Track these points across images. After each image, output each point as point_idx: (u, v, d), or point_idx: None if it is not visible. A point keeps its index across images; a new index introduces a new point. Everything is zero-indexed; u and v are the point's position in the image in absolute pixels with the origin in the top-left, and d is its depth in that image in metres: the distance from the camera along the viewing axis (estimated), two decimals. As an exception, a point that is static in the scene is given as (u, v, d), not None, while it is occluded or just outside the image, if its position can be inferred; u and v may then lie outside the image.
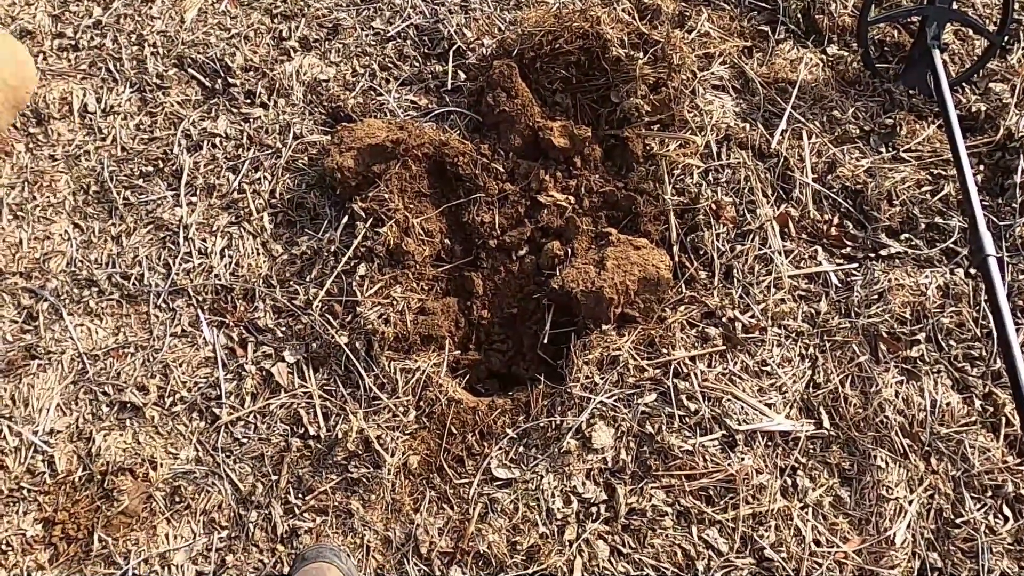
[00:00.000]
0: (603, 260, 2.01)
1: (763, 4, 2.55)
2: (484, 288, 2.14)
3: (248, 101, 2.36)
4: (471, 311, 2.13)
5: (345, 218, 2.12)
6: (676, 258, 2.11)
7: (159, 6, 2.54)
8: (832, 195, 2.20)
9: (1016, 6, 2.46)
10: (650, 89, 2.25)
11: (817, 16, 2.51)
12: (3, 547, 1.74)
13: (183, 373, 1.96)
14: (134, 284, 2.07)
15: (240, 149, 2.27)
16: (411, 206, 2.14)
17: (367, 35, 2.48)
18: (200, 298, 2.05)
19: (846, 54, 2.46)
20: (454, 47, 2.42)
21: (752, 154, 2.26)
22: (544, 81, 2.27)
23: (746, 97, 2.39)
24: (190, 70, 2.42)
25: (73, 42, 2.48)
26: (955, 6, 2.32)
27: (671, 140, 2.23)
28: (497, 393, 2.09)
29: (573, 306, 2.02)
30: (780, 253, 2.10)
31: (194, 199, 2.19)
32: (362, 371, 1.93)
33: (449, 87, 2.34)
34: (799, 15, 2.52)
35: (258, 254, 2.11)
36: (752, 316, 2.02)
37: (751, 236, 2.12)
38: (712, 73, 2.39)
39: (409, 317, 2.00)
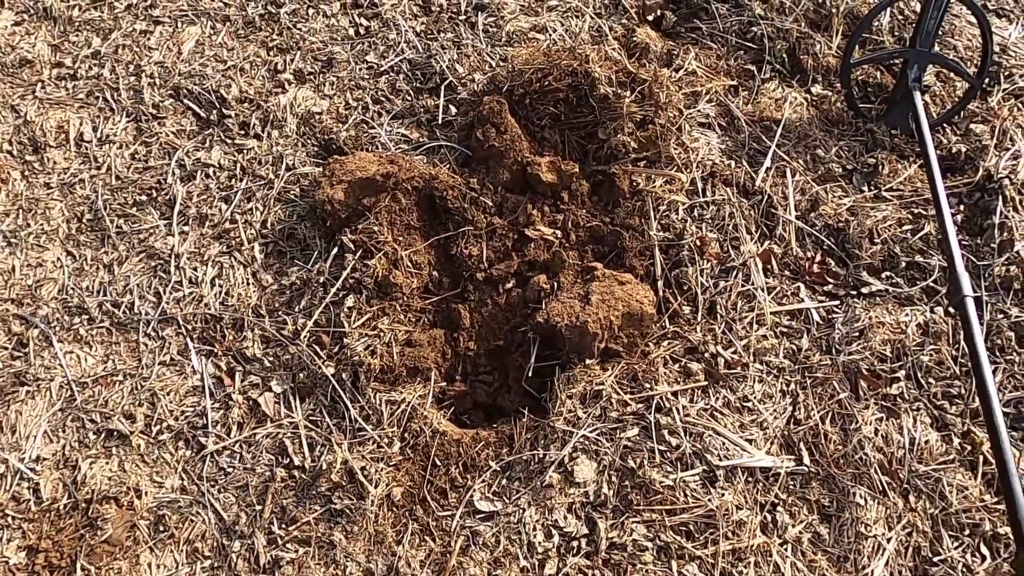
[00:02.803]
0: (588, 295, 2.04)
1: (749, 44, 2.61)
2: (471, 320, 2.16)
3: (242, 132, 2.39)
4: (458, 343, 2.15)
5: (335, 249, 2.15)
6: (660, 293, 2.14)
7: (157, 37, 2.59)
8: (815, 232, 2.24)
9: (995, 49, 2.52)
10: (637, 126, 2.30)
11: (802, 56, 2.56)
12: (-14, 575, 1.74)
13: (170, 402, 1.98)
14: (124, 312, 2.09)
15: (233, 179, 2.30)
16: (400, 238, 2.17)
17: (360, 69, 2.53)
18: (189, 327, 2.08)
19: (830, 94, 2.51)
20: (446, 82, 2.47)
21: (737, 191, 2.30)
22: (533, 117, 2.32)
23: (731, 135, 2.43)
24: (186, 100, 2.46)
25: (71, 71, 2.52)
26: (936, 49, 2.38)
27: (657, 176, 2.27)
28: (482, 425, 2.11)
29: (558, 340, 2.04)
30: (763, 290, 2.13)
31: (186, 228, 2.22)
32: (348, 402, 1.95)
33: (440, 121, 2.39)
34: (784, 55, 2.58)
35: (248, 284, 2.14)
36: (734, 352, 2.05)
37: (735, 272, 2.15)
38: (698, 111, 2.44)
39: (396, 349, 2.02)
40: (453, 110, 2.43)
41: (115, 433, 1.93)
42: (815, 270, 2.19)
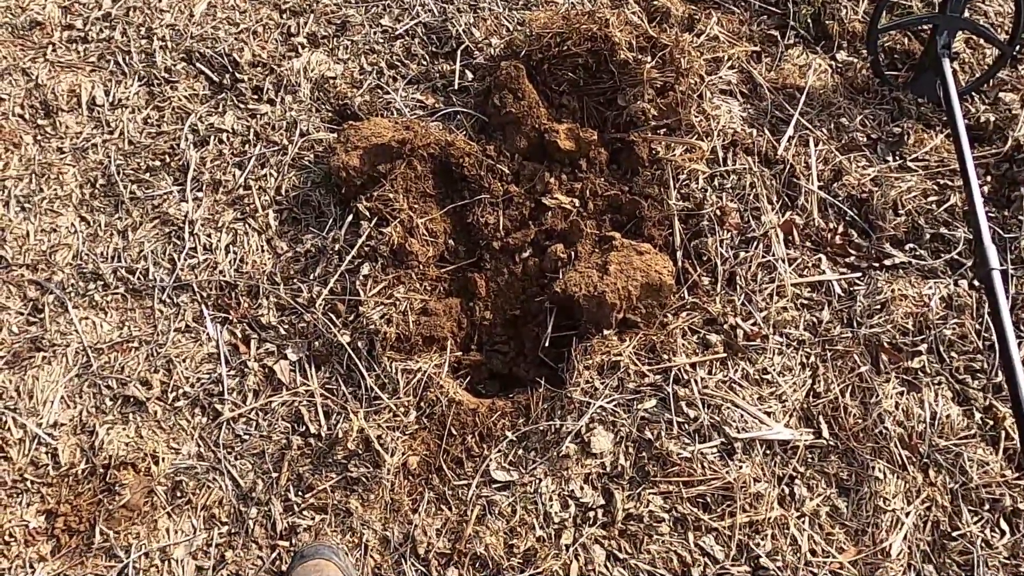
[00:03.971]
0: (606, 265, 2.01)
1: (773, 8, 2.54)
2: (487, 290, 2.14)
3: (255, 97, 2.36)
4: (473, 312, 2.14)
5: (350, 217, 2.12)
6: (679, 263, 2.11)
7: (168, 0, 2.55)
8: (837, 203, 2.20)
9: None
10: (657, 93, 2.25)
11: (827, 22, 2.50)
12: (6, 538, 1.76)
13: (186, 369, 1.97)
14: (139, 279, 2.08)
15: (247, 145, 2.28)
16: (416, 206, 2.14)
17: (375, 32, 2.48)
18: (204, 294, 2.06)
19: (855, 61, 2.45)
20: (462, 46, 2.42)
21: (758, 160, 2.25)
22: (551, 83, 2.27)
23: (754, 102, 2.38)
24: (198, 64, 2.42)
25: (82, 34, 2.48)
26: (966, 14, 2.31)
27: (677, 145, 2.23)
28: (498, 395, 2.10)
29: (575, 310, 2.02)
30: (784, 261, 2.10)
31: (200, 195, 2.20)
32: (363, 371, 1.94)
33: (456, 87, 2.34)
34: (809, 20, 2.51)
35: (263, 251, 2.12)
36: (754, 324, 2.02)
37: (755, 243, 2.12)
38: (720, 78, 2.39)
39: (411, 317, 2.01)
40: (469, 75, 2.38)
41: (131, 399, 1.93)
42: (837, 241, 2.16)
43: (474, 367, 2.11)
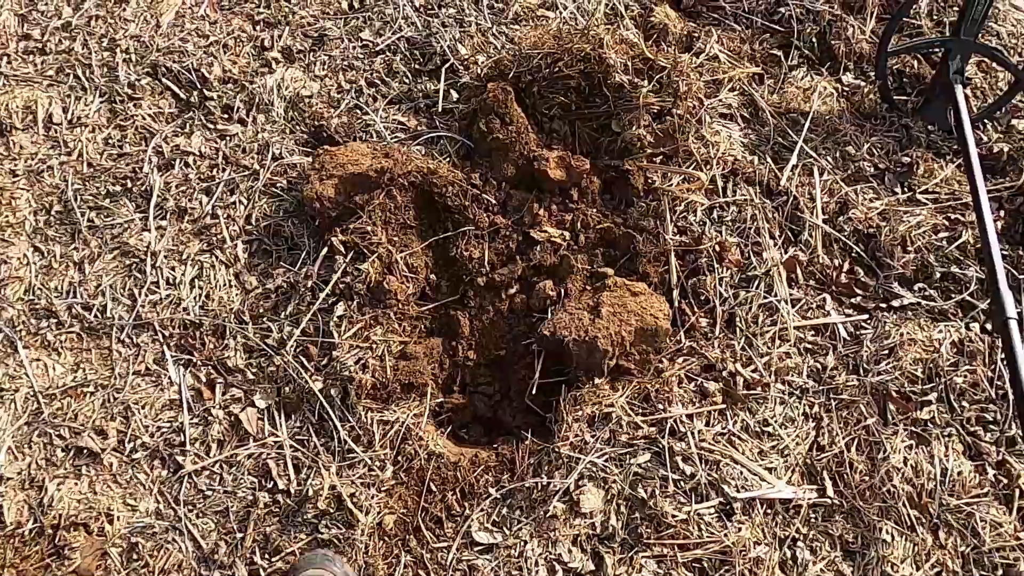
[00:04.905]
0: (598, 307, 1.88)
1: (776, 26, 2.41)
2: (471, 328, 2.01)
3: (225, 116, 2.21)
4: (456, 352, 2.00)
5: (324, 249, 1.98)
6: (676, 303, 1.99)
7: (133, 7, 2.38)
8: (843, 239, 2.07)
9: (1044, 38, 2.33)
10: (654, 118, 2.12)
11: (833, 41, 2.37)
12: (-56, 607, 1.62)
13: (145, 416, 1.83)
14: (96, 316, 1.94)
15: (215, 169, 2.13)
16: (395, 239, 2.00)
17: (355, 47, 2.33)
18: (166, 333, 1.92)
19: (862, 84, 2.32)
20: (447, 64, 2.27)
21: (760, 191, 2.13)
22: (541, 106, 2.13)
23: (755, 127, 2.25)
24: (164, 79, 2.26)
25: (40, 45, 2.32)
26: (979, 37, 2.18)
27: (674, 174, 2.10)
28: (481, 441, 1.97)
29: (564, 354, 1.89)
30: (786, 302, 1.97)
31: (163, 223, 2.05)
32: (337, 421, 1.81)
33: (440, 108, 2.20)
34: (814, 40, 2.38)
35: (230, 286, 1.98)
36: (754, 370, 1.90)
37: (756, 282, 1.99)
38: (720, 101, 2.26)
39: (389, 362, 1.87)
40: (454, 95, 2.24)
41: (85, 451, 1.79)
42: (843, 280, 2.04)
43: (456, 410, 1.98)
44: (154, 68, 2.28)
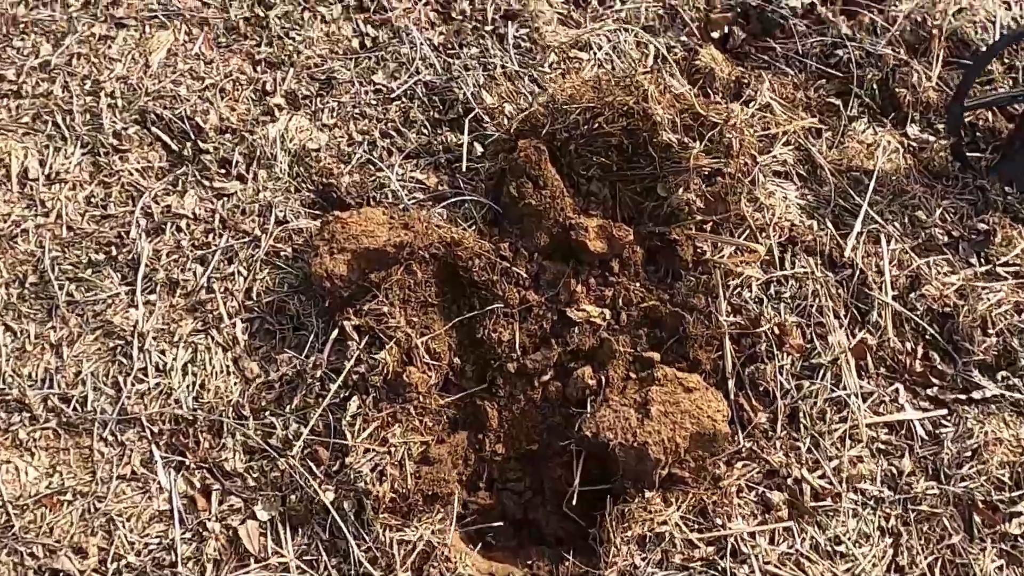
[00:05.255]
0: (647, 404, 1.66)
1: (833, 71, 2.18)
2: (499, 420, 1.79)
3: (222, 172, 1.97)
4: (483, 445, 1.78)
5: (335, 332, 1.75)
6: (731, 396, 1.76)
7: (120, 45, 2.14)
8: (916, 318, 1.85)
9: None
10: (704, 181, 1.89)
11: (897, 89, 2.14)
12: None
13: (131, 531, 1.60)
14: (75, 409, 1.70)
15: (211, 235, 1.89)
16: (415, 319, 1.77)
17: (367, 92, 2.09)
18: (155, 430, 1.69)
19: (930, 138, 2.09)
20: (471, 113, 2.03)
21: (821, 263, 1.90)
22: (578, 167, 1.90)
23: (813, 187, 2.03)
24: (154, 129, 2.02)
25: (15, 87, 2.07)
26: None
27: (727, 244, 1.87)
28: (510, 546, 1.75)
29: (608, 458, 1.67)
30: (856, 396, 1.75)
31: (152, 298, 1.82)
32: (350, 538, 1.58)
33: (464, 166, 1.96)
34: (875, 86, 2.15)
35: (228, 374, 1.75)
36: (823, 476, 1.68)
37: (821, 372, 1.77)
38: (774, 157, 2.03)
39: (410, 468, 1.65)
40: (479, 149, 2.01)
41: (62, 573, 1.56)
42: (917, 368, 1.82)
43: (482, 512, 1.76)
44: (143, 115, 2.03)
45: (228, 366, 1.76)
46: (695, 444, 1.64)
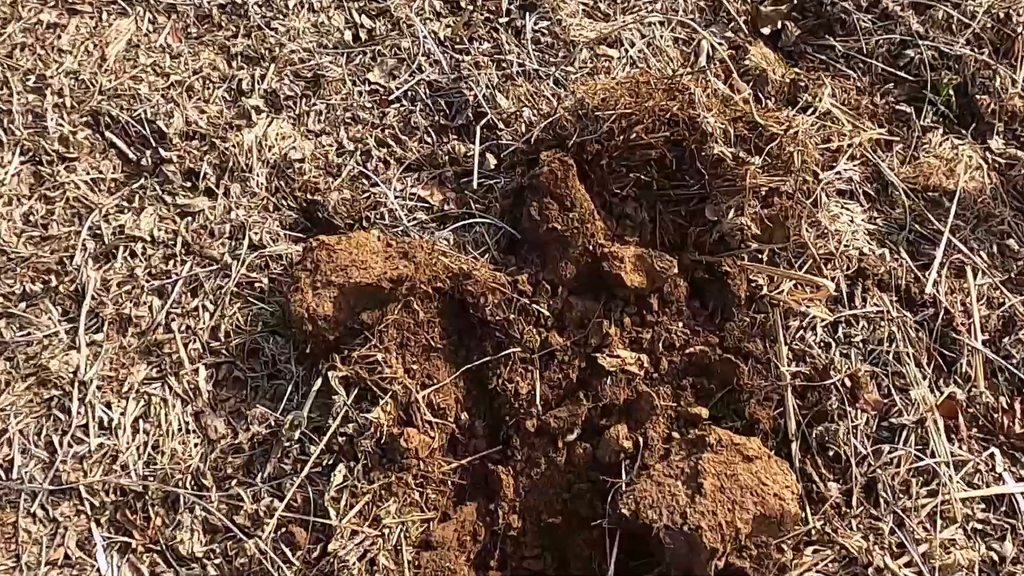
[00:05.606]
0: (697, 476, 1.36)
1: (902, 74, 1.89)
2: (515, 488, 1.49)
3: (187, 186, 1.67)
4: (495, 518, 1.48)
5: (318, 382, 1.45)
6: (796, 462, 1.46)
7: (72, 35, 1.83)
8: (1011, 368, 1.56)
9: None
10: (761, 202, 1.59)
11: (978, 96, 1.84)
12: None
13: (61, 633, 1.29)
14: (-1, 476, 1.40)
15: (171, 261, 1.59)
16: (414, 368, 1.47)
17: (360, 93, 1.79)
18: (96, 503, 1.38)
19: (1020, 153, 1.80)
20: (483, 119, 1.73)
21: (897, 300, 1.61)
22: (612, 184, 1.60)
23: (883, 209, 1.73)
24: (108, 133, 1.72)
25: (-55, 83, 1.77)
26: None
27: (788, 279, 1.58)
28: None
29: (649, 540, 1.37)
30: (947, 464, 1.45)
31: (98, 337, 1.51)
32: (334, 645, 1.28)
33: (474, 182, 1.66)
34: (951, 92, 1.86)
35: (187, 432, 1.44)
36: (910, 564, 1.39)
37: (903, 434, 1.48)
38: (838, 174, 1.73)
39: (407, 555, 1.34)
40: (493, 162, 1.71)
41: None
42: (1017, 429, 1.52)
43: (495, 596, 1.46)
44: (95, 117, 1.73)
45: (188, 423, 1.45)
46: (758, 528, 1.34)
